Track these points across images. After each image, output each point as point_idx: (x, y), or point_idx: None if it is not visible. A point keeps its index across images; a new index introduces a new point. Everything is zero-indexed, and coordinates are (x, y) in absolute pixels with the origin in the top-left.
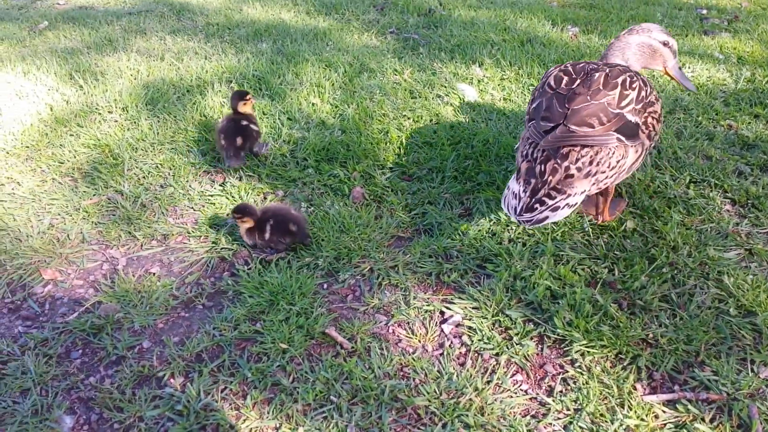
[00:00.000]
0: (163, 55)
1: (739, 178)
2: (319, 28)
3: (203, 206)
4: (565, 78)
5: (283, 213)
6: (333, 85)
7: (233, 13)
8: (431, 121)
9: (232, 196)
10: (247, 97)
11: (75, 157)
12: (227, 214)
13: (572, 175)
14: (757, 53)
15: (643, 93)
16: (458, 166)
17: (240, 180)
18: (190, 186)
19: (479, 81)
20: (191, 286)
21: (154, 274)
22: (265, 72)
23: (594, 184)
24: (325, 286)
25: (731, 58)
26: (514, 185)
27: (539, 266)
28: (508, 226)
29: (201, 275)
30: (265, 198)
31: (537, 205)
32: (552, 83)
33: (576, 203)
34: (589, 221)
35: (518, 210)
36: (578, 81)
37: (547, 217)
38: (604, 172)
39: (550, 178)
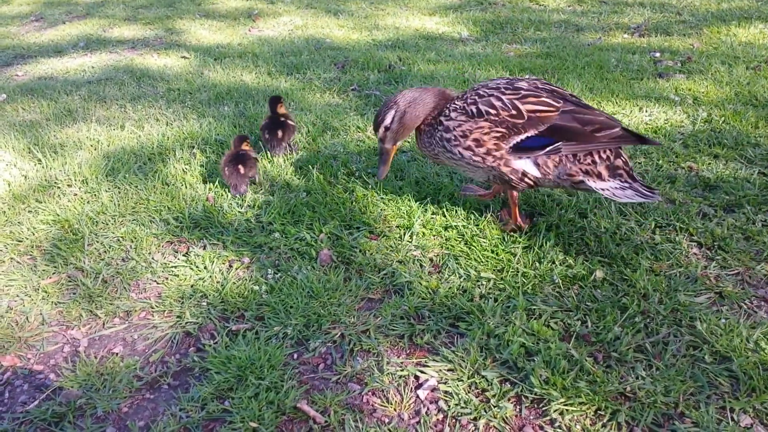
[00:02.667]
0: (123, 123)
1: (703, 220)
2: (281, 89)
3: (167, 278)
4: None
5: None
6: (296, 145)
7: (194, 78)
8: (396, 177)
9: (197, 266)
10: (282, 101)
11: (34, 234)
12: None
13: None
14: (712, 93)
15: None
16: (425, 222)
17: (204, 249)
18: (152, 258)
19: None
20: (156, 364)
21: (117, 354)
22: (227, 136)
23: None
24: (295, 356)
25: (687, 99)
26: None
27: (512, 322)
28: (478, 281)
29: (166, 352)
30: (230, 266)
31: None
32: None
33: None
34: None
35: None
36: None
37: None
38: None
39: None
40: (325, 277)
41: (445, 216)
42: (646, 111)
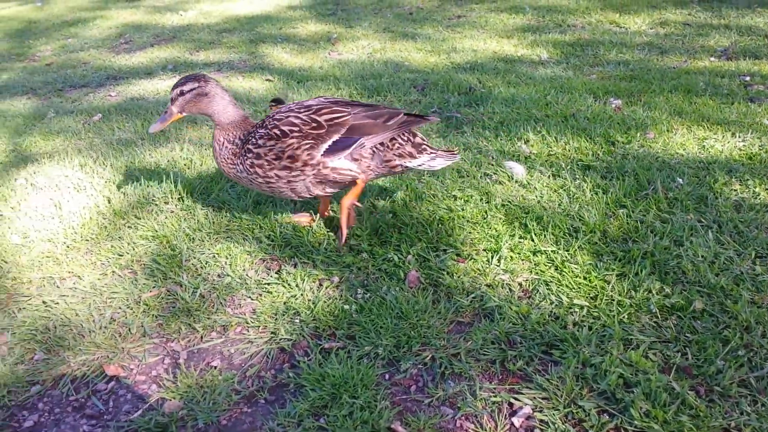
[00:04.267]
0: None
1: None
2: None
3: (260, 295)
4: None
5: None
6: None
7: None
8: (481, 200)
9: (289, 284)
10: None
11: (134, 249)
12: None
13: None
14: None
15: None
16: (513, 246)
17: (295, 267)
18: (246, 275)
19: (526, 158)
20: (252, 379)
21: (215, 367)
22: None
23: None
24: (387, 376)
25: None
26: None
27: (609, 352)
28: (571, 308)
29: (261, 367)
30: (320, 284)
31: None
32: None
33: None
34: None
35: None
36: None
37: None
38: None
39: None
40: (414, 299)
41: (533, 240)
42: (739, 137)
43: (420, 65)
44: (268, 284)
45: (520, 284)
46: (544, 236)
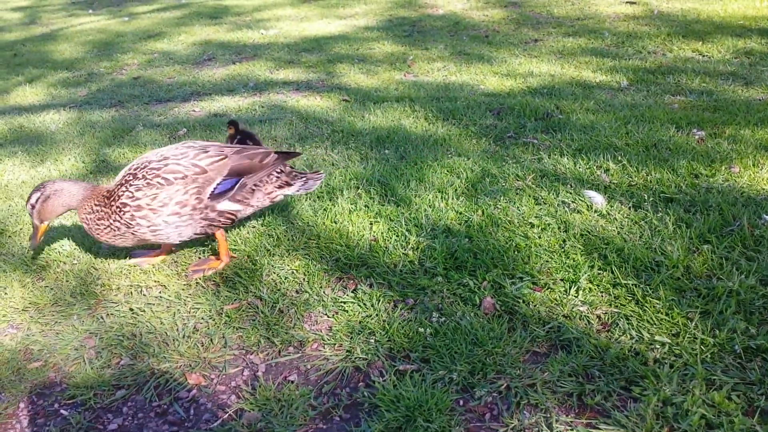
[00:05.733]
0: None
1: None
2: (438, 134)
3: (336, 313)
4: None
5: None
6: (456, 191)
7: (356, 121)
8: (559, 228)
9: (364, 304)
10: (236, 124)
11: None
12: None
13: None
14: None
15: None
16: (591, 276)
17: (371, 287)
18: (323, 292)
19: (606, 187)
20: (328, 396)
21: (292, 381)
22: (390, 178)
23: None
24: (461, 402)
25: None
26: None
27: (691, 391)
28: (652, 344)
29: (337, 385)
30: (395, 306)
31: None
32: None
33: None
34: None
35: None
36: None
37: None
38: None
39: None
40: (489, 326)
41: (613, 273)
42: None
43: (495, 89)
44: (344, 303)
45: (598, 317)
46: (625, 269)
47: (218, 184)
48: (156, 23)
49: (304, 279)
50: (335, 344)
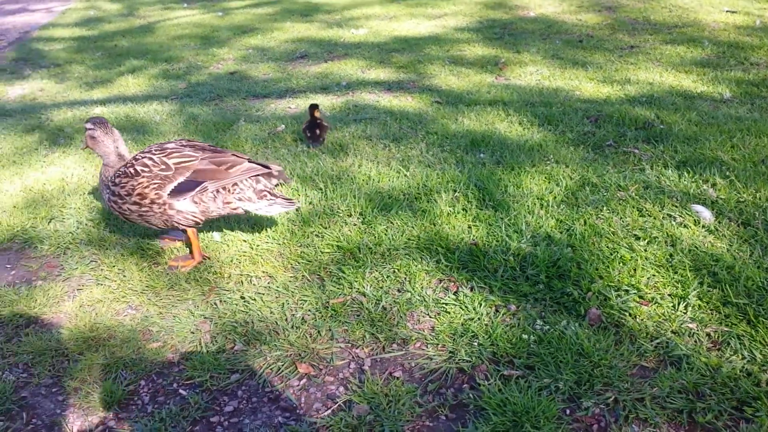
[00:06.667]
0: (389, 161)
1: None
2: (534, 140)
3: (438, 314)
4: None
5: None
6: (555, 198)
7: (449, 123)
8: (665, 242)
9: (466, 306)
10: (317, 108)
11: (321, 256)
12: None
13: None
14: None
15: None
16: (701, 293)
17: (472, 290)
18: (425, 293)
19: (713, 202)
20: (433, 394)
21: (397, 378)
22: (487, 182)
23: None
24: (567, 411)
25: None
26: None
27: None
28: (765, 366)
29: (441, 384)
30: (497, 311)
31: None
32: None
33: None
34: None
35: None
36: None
37: None
38: None
39: None
40: (595, 337)
41: (723, 290)
42: None
43: (592, 95)
44: (446, 304)
45: (708, 335)
46: (735, 287)
47: (179, 184)
48: (249, 19)
49: (405, 278)
50: (438, 344)
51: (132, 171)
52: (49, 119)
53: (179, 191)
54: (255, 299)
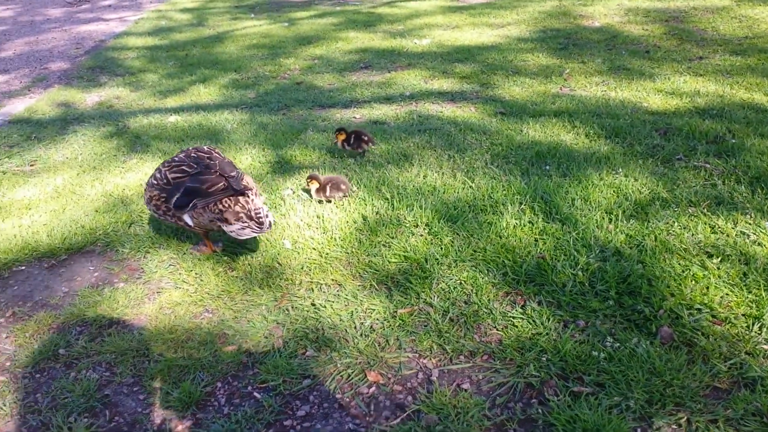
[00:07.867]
0: (454, 172)
1: None
2: (602, 152)
3: (506, 327)
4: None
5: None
6: (624, 212)
7: (514, 134)
8: (738, 260)
9: (534, 321)
10: (342, 132)
11: (388, 266)
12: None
13: None
14: None
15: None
16: None
17: (539, 305)
18: (492, 305)
19: None
20: (501, 408)
21: (465, 390)
22: (553, 195)
23: None
24: (639, 431)
25: None
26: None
27: None
28: None
29: (509, 399)
30: (565, 326)
31: None
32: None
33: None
34: None
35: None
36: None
37: None
38: None
39: None
40: (667, 356)
41: None
42: None
43: (660, 107)
44: (513, 318)
45: None
46: None
47: (177, 198)
48: (314, 29)
49: (472, 290)
50: (506, 358)
51: (152, 181)
52: (125, 126)
53: (178, 206)
54: (325, 306)
